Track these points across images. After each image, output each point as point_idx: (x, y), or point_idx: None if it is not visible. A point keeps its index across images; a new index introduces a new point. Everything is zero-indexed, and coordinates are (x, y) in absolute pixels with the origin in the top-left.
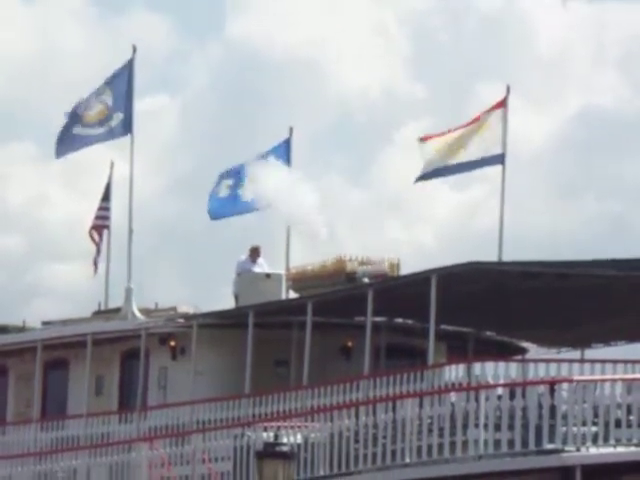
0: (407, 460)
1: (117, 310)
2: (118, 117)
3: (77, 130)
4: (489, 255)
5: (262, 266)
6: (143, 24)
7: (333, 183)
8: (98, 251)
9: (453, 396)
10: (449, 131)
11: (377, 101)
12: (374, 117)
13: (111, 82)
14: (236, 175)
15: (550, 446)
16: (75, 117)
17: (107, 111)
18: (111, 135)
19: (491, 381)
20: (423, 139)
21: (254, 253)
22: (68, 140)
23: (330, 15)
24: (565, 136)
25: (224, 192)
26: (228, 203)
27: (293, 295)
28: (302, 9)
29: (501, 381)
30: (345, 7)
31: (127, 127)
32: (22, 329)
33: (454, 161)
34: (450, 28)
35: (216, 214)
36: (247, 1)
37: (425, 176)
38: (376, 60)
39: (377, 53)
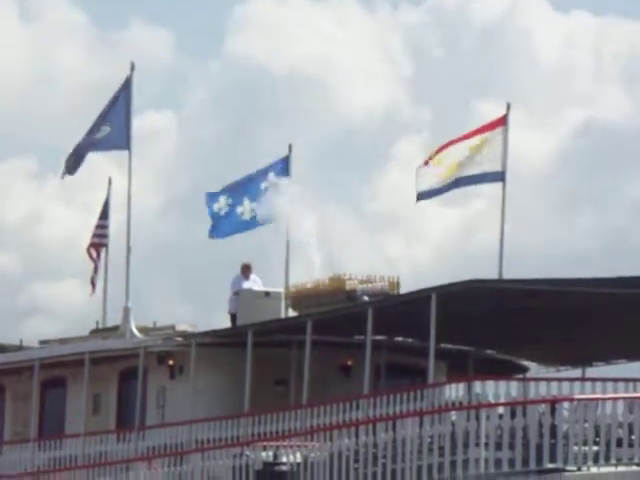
0: (407, 479)
1: (115, 328)
2: (105, 130)
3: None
4: (488, 272)
5: (255, 282)
6: (142, 41)
7: (333, 201)
8: (96, 269)
9: (454, 415)
10: (445, 147)
11: (376, 118)
12: (373, 135)
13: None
14: (236, 193)
15: (551, 465)
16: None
17: (95, 122)
18: (98, 146)
19: (492, 400)
20: (423, 165)
21: (246, 270)
22: (71, 158)
23: (329, 33)
24: (566, 151)
25: (224, 210)
26: (229, 221)
27: (292, 313)
28: (301, 27)
29: (502, 400)
30: (345, 25)
31: (125, 143)
32: (19, 348)
33: (453, 177)
34: (450, 45)
35: (217, 233)
36: (247, 19)
37: (426, 195)
38: (376, 77)
39: (377, 70)
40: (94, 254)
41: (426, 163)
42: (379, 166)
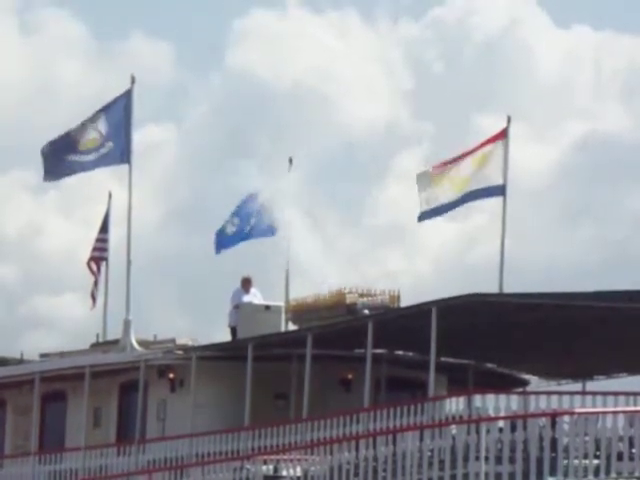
0: None
1: (115, 342)
2: (109, 146)
3: (70, 157)
4: (489, 285)
5: (255, 296)
6: (142, 54)
7: (333, 213)
8: (96, 283)
9: (454, 429)
10: (448, 163)
11: (377, 132)
12: (374, 148)
13: (107, 110)
14: (243, 214)
15: (551, 479)
16: (69, 144)
17: (100, 139)
18: (102, 163)
19: (492, 413)
20: (423, 174)
21: (246, 283)
22: (61, 166)
23: (330, 46)
24: (565, 164)
25: (230, 229)
26: (235, 238)
27: (292, 327)
28: (301, 40)
29: (502, 413)
30: (345, 38)
31: (125, 157)
32: (20, 361)
33: (456, 196)
34: (450, 59)
35: (222, 248)
36: (247, 32)
37: (429, 214)
38: (377, 91)
39: (378, 84)
40: (94, 268)
41: (427, 174)
42: (379, 179)
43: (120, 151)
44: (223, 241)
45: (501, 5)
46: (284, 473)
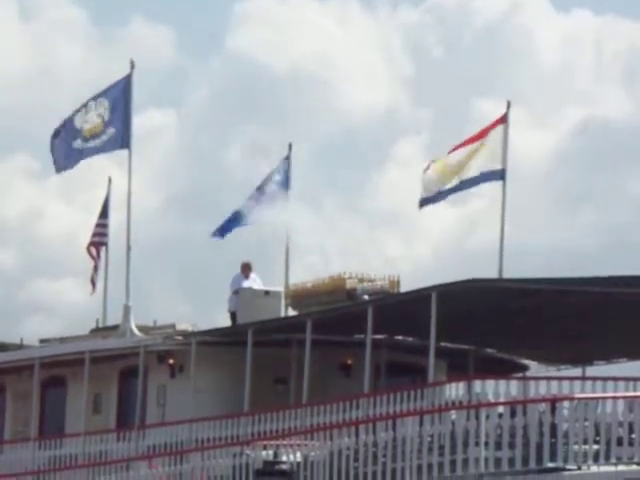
0: (407, 479)
1: (115, 327)
2: (110, 132)
3: (77, 144)
4: (488, 271)
5: (255, 281)
6: (142, 38)
7: (332, 200)
8: (96, 269)
9: (454, 414)
10: (450, 152)
11: (377, 118)
12: (374, 134)
13: (108, 95)
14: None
15: (551, 464)
16: (75, 131)
17: (102, 126)
18: (103, 149)
19: (492, 399)
20: (427, 167)
21: (246, 269)
22: (69, 155)
23: (330, 31)
24: (566, 149)
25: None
26: (232, 224)
27: (292, 312)
28: (302, 25)
29: (502, 399)
30: (345, 23)
31: (125, 142)
32: (20, 347)
33: (456, 181)
34: (450, 44)
35: (219, 233)
36: (247, 16)
37: (429, 200)
38: (377, 76)
39: (378, 69)
40: (94, 253)
41: (428, 168)
42: (379, 165)
43: (120, 136)
44: (222, 228)
45: None
46: (284, 458)
